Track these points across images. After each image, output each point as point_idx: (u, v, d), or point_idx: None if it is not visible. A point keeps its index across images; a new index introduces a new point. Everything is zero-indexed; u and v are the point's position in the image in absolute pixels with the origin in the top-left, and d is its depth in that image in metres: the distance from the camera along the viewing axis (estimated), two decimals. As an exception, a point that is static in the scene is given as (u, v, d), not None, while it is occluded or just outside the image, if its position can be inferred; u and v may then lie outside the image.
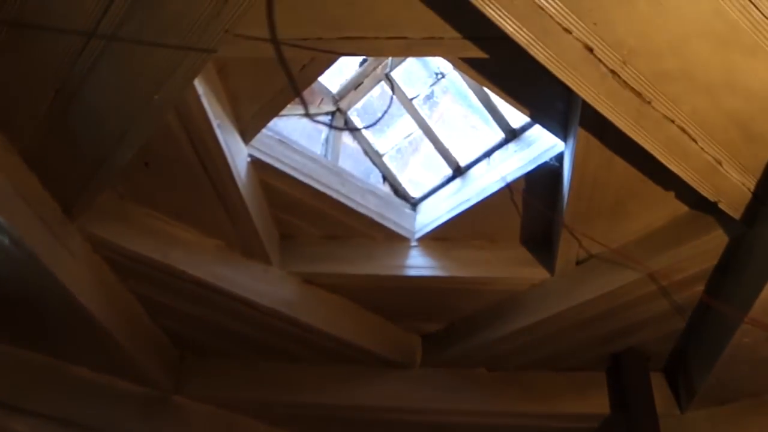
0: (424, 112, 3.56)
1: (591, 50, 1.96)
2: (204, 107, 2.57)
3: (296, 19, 2.24)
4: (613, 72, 2.02)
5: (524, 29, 1.91)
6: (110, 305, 3.21)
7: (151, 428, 3.79)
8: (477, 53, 2.31)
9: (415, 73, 3.49)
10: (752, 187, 2.40)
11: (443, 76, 3.44)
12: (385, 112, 2.81)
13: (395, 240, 3.54)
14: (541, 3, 1.84)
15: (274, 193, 3.24)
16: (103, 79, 2.20)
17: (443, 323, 3.82)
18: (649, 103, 2.10)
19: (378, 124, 3.74)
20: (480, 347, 3.66)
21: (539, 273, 3.36)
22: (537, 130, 3.21)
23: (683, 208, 2.89)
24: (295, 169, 3.20)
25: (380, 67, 3.53)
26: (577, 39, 1.93)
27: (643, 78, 2.04)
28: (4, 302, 3.11)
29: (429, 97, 3.55)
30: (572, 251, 3.18)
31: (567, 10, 1.86)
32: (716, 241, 2.74)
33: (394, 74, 3.52)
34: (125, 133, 2.38)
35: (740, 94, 2.07)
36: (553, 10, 1.86)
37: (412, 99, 3.54)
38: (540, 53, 1.97)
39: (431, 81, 3.48)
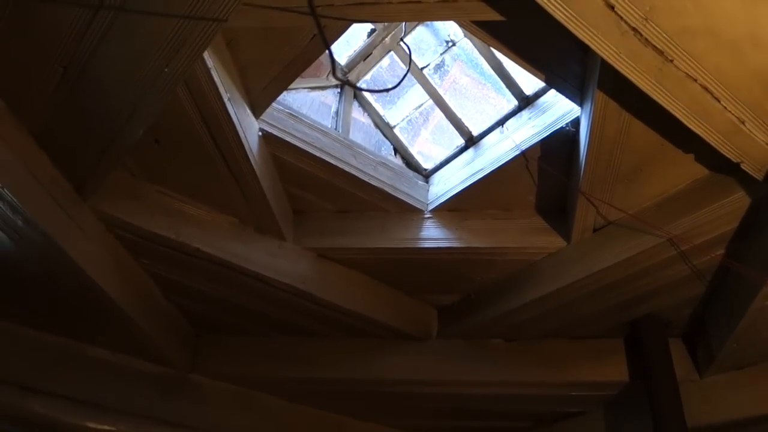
0: (434, 81, 3.51)
1: (612, 7, 1.91)
2: (214, 80, 2.52)
3: (306, -14, 2.19)
4: (634, 29, 1.96)
5: (543, -12, 1.85)
6: (125, 284, 3.19)
7: (168, 407, 3.81)
8: (493, 16, 2.26)
9: (425, 41, 3.44)
10: (776, 147, 2.36)
11: (454, 44, 3.38)
12: (405, 75, 2.73)
13: (409, 212, 3.50)
14: (560, -43, 1.79)
15: (286, 167, 3.21)
16: (112, 53, 2.16)
17: (459, 295, 3.80)
18: (671, 61, 2.05)
19: (388, 95, 3.69)
20: (496, 318, 3.64)
21: (555, 241, 3.33)
22: (551, 96, 3.16)
23: (702, 171, 2.84)
24: (306, 142, 3.16)
25: (389, 37, 3.48)
26: (598, -4, 1.88)
27: (665, 35, 1.98)
28: (19, 284, 3.11)
29: (439, 66, 3.49)
30: (589, 218, 3.13)
31: (586, -35, 1.81)
32: (737, 203, 2.69)
33: (402, 43, 3.46)
34: (135, 108, 2.34)
35: (766, 50, 2.02)
36: (571, -35, 1.81)
37: (422, 68, 3.48)
38: (559, 12, 1.92)
39: (442, 49, 3.42)
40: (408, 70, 3.18)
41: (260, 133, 3.00)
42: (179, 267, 3.30)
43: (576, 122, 2.87)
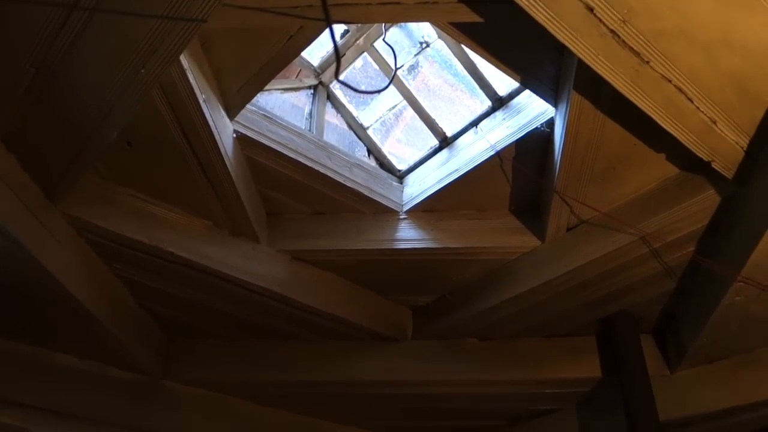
0: (408, 82, 3.51)
1: (591, 10, 1.94)
2: (190, 82, 2.48)
3: (286, -14, 2.17)
4: (613, 32, 2.00)
5: (524, -12, 1.87)
6: (97, 290, 3.13)
7: (141, 414, 3.74)
8: (472, 17, 2.27)
9: (399, 42, 3.44)
10: (745, 146, 2.42)
11: (428, 45, 3.38)
12: (394, 75, 2.68)
13: (383, 213, 3.50)
14: (540, -41, 1.81)
15: (261, 169, 3.18)
16: (86, 53, 2.11)
17: (434, 296, 3.81)
18: (647, 63, 2.09)
19: (362, 96, 3.69)
20: (471, 318, 3.66)
21: (530, 241, 3.36)
22: (524, 97, 3.19)
23: (673, 170, 2.90)
24: (281, 144, 3.14)
25: (363, 38, 3.47)
26: (578, -2, 1.90)
27: (642, 37, 2.02)
28: (-14, 292, 3.02)
29: (413, 67, 3.50)
30: (563, 218, 3.17)
31: (567, -32, 1.83)
32: (707, 201, 2.75)
33: (377, 45, 3.46)
34: (110, 110, 2.29)
35: (737, 52, 2.07)
36: (553, -32, 1.83)
37: (396, 69, 3.48)
38: (539, 14, 1.95)
39: (416, 51, 3.42)
40: (396, 69, 3.13)
41: (235, 135, 2.97)
42: (152, 271, 3.24)
43: (550, 122, 2.91)
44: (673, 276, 3.19)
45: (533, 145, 3.05)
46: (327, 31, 3.09)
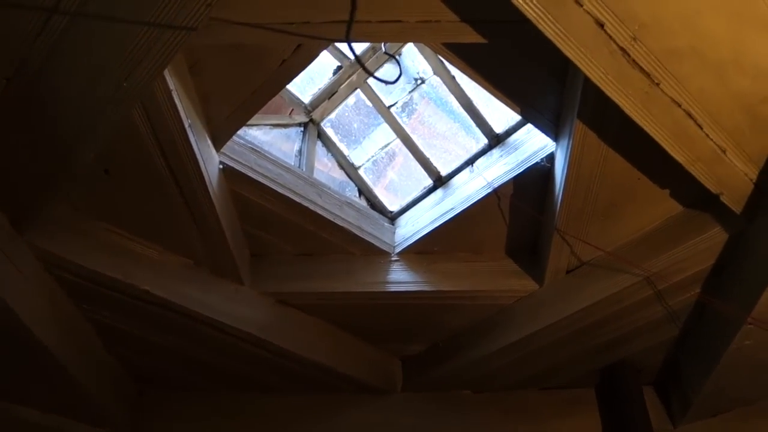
0: (402, 120, 3.42)
1: (602, 25, 1.85)
2: (175, 103, 2.34)
3: (281, 1, 2.08)
4: (623, 50, 1.91)
5: (534, 0, 1.79)
6: (64, 334, 2.91)
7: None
8: (475, 38, 2.18)
9: (393, 78, 3.35)
10: (754, 178, 2.32)
11: (423, 82, 3.31)
12: (398, 77, 2.50)
13: (374, 255, 3.35)
14: (551, -31, 1.74)
15: (247, 205, 3.03)
16: (65, 64, 1.97)
17: (425, 344, 3.63)
18: (657, 84, 2.00)
19: (353, 135, 3.59)
20: (464, 368, 3.48)
21: (527, 284, 3.22)
22: (522, 133, 3.11)
23: (677, 208, 2.80)
24: (269, 178, 3.00)
25: (356, 74, 3.39)
26: (588, 12, 1.82)
27: (652, 56, 1.94)
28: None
29: (407, 104, 3.41)
30: (563, 259, 3.04)
31: (579, -21, 1.76)
32: (714, 239, 2.65)
33: (370, 81, 3.38)
34: (88, 128, 2.15)
35: (749, 73, 1.99)
36: (563, -22, 1.75)
37: (390, 107, 3.40)
38: (549, 28, 1.85)
39: (410, 87, 3.35)
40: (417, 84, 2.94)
41: (221, 167, 2.83)
42: (125, 313, 3.04)
43: (551, 157, 2.81)
44: (677, 321, 3.05)
45: (532, 182, 2.95)
46: (318, 66, 3.04)
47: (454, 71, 3.18)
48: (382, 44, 3.11)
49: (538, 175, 2.91)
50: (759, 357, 2.75)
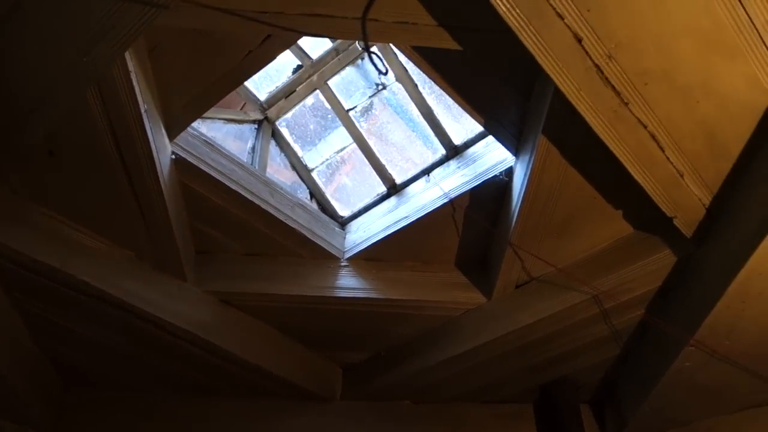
0: (360, 124, 3.38)
1: (580, 41, 1.87)
2: (133, 86, 2.24)
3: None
4: (597, 67, 1.94)
5: (518, 9, 1.79)
6: (-9, 322, 2.73)
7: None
8: (451, 44, 2.17)
9: (353, 83, 3.32)
10: (707, 203, 2.39)
11: (384, 88, 3.28)
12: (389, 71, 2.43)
13: (324, 259, 3.29)
14: (537, -19, 1.74)
15: (196, 199, 2.92)
16: (20, 32, 1.86)
17: (368, 352, 3.58)
18: (626, 104, 2.04)
19: (308, 137, 3.52)
20: (406, 378, 3.45)
21: (475, 297, 3.23)
22: (481, 146, 3.13)
23: (628, 229, 2.86)
24: (222, 173, 2.91)
25: (317, 75, 3.34)
26: (568, 26, 1.83)
27: (625, 76, 1.97)
28: None
29: (367, 109, 3.38)
30: (513, 273, 3.06)
31: (564, -9, 1.77)
32: (664, 261, 2.71)
33: (331, 83, 3.33)
34: (40, 103, 2.02)
35: (714, 100, 2.05)
36: (550, -10, 1.76)
37: (348, 110, 3.35)
38: (529, 39, 1.86)
39: (371, 92, 3.31)
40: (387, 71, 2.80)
41: (173, 157, 2.72)
42: (59, 304, 2.88)
43: (509, 171, 2.82)
44: (618, 341, 3.11)
45: (488, 196, 2.96)
46: (277, 62, 2.96)
47: (418, 80, 3.17)
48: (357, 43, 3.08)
49: (494, 188, 2.92)
50: (697, 379, 2.82)
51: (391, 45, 3.02)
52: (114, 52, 1.90)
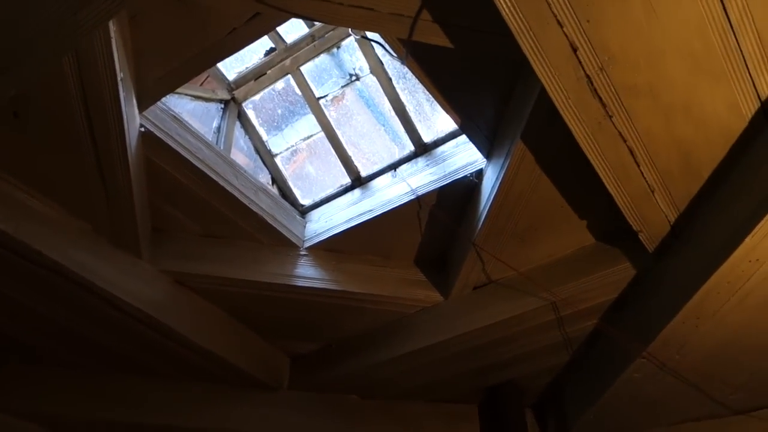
0: (329, 113, 3.34)
1: (575, 50, 1.90)
2: (113, 53, 2.15)
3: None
4: (588, 77, 1.97)
5: (520, 12, 1.80)
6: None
7: (-51, 448, 3.08)
8: (442, 41, 2.16)
9: (327, 71, 3.28)
10: (673, 220, 2.46)
11: (358, 79, 3.25)
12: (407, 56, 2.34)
13: (283, 246, 3.24)
14: (544, -14, 1.76)
15: (159, 175, 2.83)
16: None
17: (318, 343, 3.55)
18: (610, 117, 2.07)
19: (275, 121, 3.46)
20: (355, 372, 3.43)
21: (432, 296, 3.24)
22: (450, 146, 3.14)
23: (590, 240, 2.92)
24: (188, 151, 2.83)
25: (289, 59, 3.28)
26: (566, 35, 1.86)
27: (612, 89, 2.01)
28: None
29: (337, 98, 3.34)
30: (473, 275, 3.08)
31: (566, 0, 1.79)
32: (622, 273, 2.78)
33: (303, 69, 3.28)
34: (16, 60, 1.91)
35: (693, 121, 2.11)
36: (553, -3, 1.78)
37: (319, 99, 3.31)
38: (527, 43, 1.87)
39: (343, 82, 3.28)
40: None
41: (142, 129, 2.62)
42: (7, 273, 2.73)
43: (479, 173, 2.84)
44: (569, 348, 3.17)
45: (455, 195, 2.97)
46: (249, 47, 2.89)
47: (392, 74, 3.15)
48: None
49: (462, 188, 2.93)
50: (644, 391, 2.90)
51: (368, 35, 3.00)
52: (106, 13, 1.82)
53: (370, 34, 2.91)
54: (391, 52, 2.43)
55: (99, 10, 1.80)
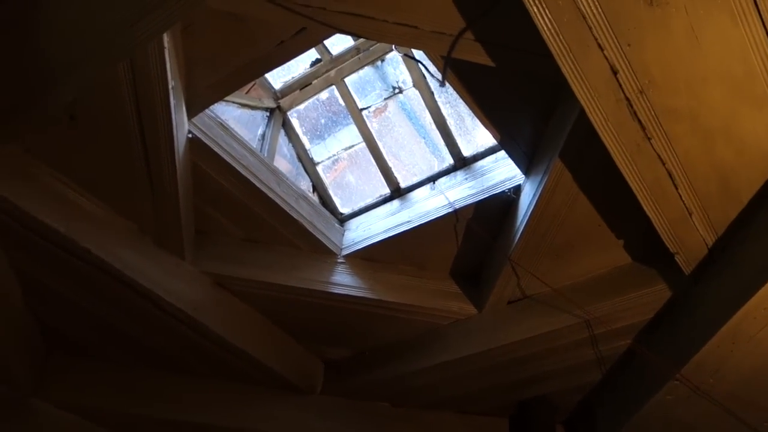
0: (371, 125, 3.40)
1: (616, 73, 1.92)
2: (165, 62, 2.25)
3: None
4: (628, 100, 1.99)
5: (562, 36, 1.83)
6: (-13, 278, 2.70)
7: (-4, 431, 3.22)
8: (484, 60, 2.21)
9: (370, 83, 3.34)
10: (710, 244, 2.45)
11: (401, 92, 3.31)
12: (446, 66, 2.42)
13: (321, 254, 3.31)
14: (585, 11, 1.79)
15: (204, 180, 2.93)
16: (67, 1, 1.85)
17: (352, 350, 3.60)
18: (649, 139, 2.09)
19: (318, 131, 3.53)
20: (387, 380, 3.47)
21: (466, 308, 3.26)
22: (489, 161, 3.17)
23: (626, 259, 2.92)
24: (234, 158, 2.92)
25: (334, 71, 3.35)
26: (607, 58, 1.88)
27: (652, 112, 2.02)
28: None
29: (380, 110, 3.40)
30: (508, 289, 3.10)
31: (607, 24, 1.81)
32: (658, 294, 2.77)
33: (347, 80, 3.35)
34: (77, 67, 2.01)
35: (733, 146, 2.11)
36: (594, 21, 1.80)
37: (362, 110, 3.37)
38: (567, 65, 1.90)
39: (386, 95, 3.34)
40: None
41: (190, 135, 2.72)
42: (55, 268, 2.85)
43: (517, 189, 2.87)
44: (602, 367, 3.16)
45: (492, 210, 3.00)
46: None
47: (434, 88, 3.20)
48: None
49: (499, 203, 2.96)
50: (676, 413, 2.88)
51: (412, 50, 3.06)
52: (161, 25, 1.91)
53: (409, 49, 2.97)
54: (432, 73, 2.48)
55: (154, 23, 1.88)
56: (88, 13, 1.88)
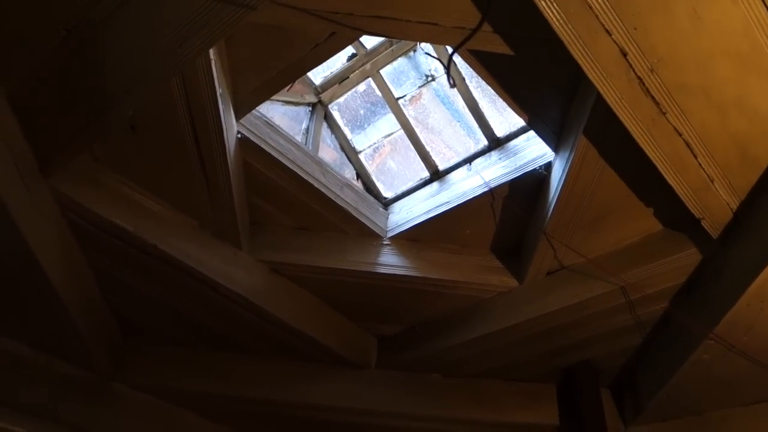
0: (408, 113, 3.58)
1: (625, 55, 2.05)
2: (212, 72, 2.48)
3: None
4: (639, 79, 2.11)
5: (570, 25, 1.97)
6: (68, 275, 2.99)
7: (84, 414, 3.54)
8: (504, 49, 2.36)
9: (404, 73, 3.52)
10: (735, 208, 2.56)
11: (433, 79, 3.48)
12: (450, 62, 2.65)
13: (367, 237, 3.52)
14: (590, 0, 1.92)
15: (254, 175, 3.16)
16: (125, 23, 2.09)
17: (402, 326, 3.81)
18: (664, 114, 2.20)
19: (358, 120, 3.73)
20: (437, 352, 3.67)
21: (508, 281, 3.42)
22: (522, 140, 3.30)
23: (657, 227, 3.03)
24: (280, 153, 3.14)
25: (370, 64, 3.54)
26: (615, 42, 2.01)
27: (664, 89, 2.14)
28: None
29: (415, 98, 3.58)
30: (545, 261, 3.25)
31: (612, 11, 1.94)
32: (689, 258, 2.88)
33: (383, 72, 3.54)
34: (134, 85, 2.26)
35: (747, 116, 2.21)
36: (600, 9, 1.94)
37: (398, 99, 3.56)
38: (578, 52, 2.04)
39: (420, 83, 3.51)
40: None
41: (239, 136, 2.95)
42: (127, 264, 3.14)
43: (548, 166, 3.01)
44: (641, 330, 3.29)
45: (526, 187, 3.14)
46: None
47: (465, 74, 3.35)
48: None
49: (532, 180, 3.10)
50: (713, 371, 3.00)
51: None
52: (205, 45, 2.12)
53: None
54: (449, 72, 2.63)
55: (200, 42, 2.10)
56: (141, 39, 2.11)
